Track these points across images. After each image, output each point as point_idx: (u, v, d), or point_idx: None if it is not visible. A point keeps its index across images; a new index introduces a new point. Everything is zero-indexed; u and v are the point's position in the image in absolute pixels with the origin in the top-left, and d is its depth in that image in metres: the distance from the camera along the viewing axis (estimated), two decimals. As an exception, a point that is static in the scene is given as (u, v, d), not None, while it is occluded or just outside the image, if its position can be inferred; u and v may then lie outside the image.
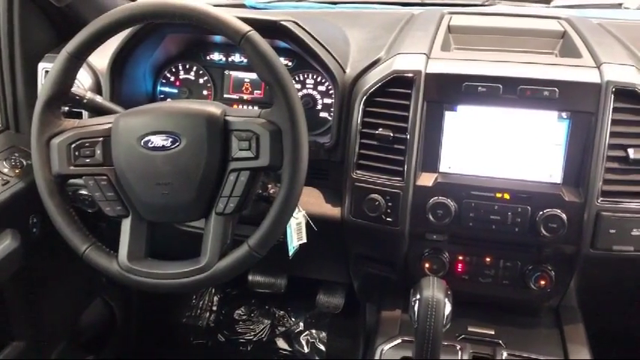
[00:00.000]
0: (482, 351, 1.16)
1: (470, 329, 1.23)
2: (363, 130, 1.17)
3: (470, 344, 1.17)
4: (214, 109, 1.02)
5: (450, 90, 1.12)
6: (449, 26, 1.35)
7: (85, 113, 1.33)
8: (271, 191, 1.12)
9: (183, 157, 1.00)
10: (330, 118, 1.34)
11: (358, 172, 1.18)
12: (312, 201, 1.27)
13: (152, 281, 1.03)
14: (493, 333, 1.22)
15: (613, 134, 1.06)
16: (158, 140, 1.01)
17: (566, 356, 1.17)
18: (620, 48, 1.21)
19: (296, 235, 1.19)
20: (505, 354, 1.14)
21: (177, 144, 1.00)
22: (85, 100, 1.16)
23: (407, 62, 1.16)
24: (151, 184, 1.02)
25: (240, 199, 1.00)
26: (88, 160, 1.04)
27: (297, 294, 1.95)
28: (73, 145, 1.04)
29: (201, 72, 1.42)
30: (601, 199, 1.07)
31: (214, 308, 2.10)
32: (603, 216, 1.07)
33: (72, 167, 1.04)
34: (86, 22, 1.04)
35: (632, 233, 1.08)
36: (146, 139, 1.01)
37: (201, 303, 2.10)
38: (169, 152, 1.00)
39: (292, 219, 1.17)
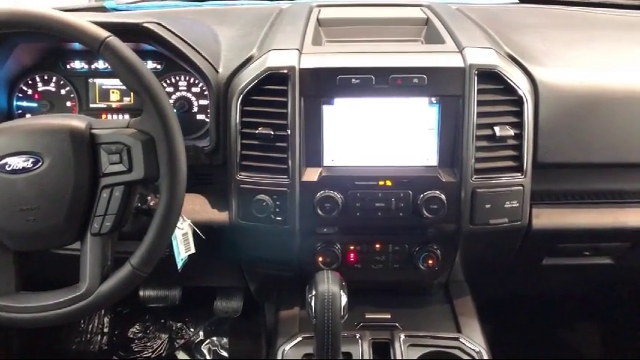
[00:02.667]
0: (381, 336, 1.18)
1: (367, 316, 1.25)
2: (243, 131, 1.14)
3: (369, 331, 1.20)
4: (78, 122, 0.94)
5: (326, 84, 1.12)
6: (318, 19, 1.35)
7: None
8: (151, 203, 1.07)
9: (47, 178, 0.92)
10: (207, 121, 1.29)
11: (242, 173, 1.15)
12: (197, 208, 1.22)
13: (27, 316, 0.94)
14: (389, 317, 1.25)
15: (480, 114, 1.11)
16: (17, 162, 0.92)
17: (458, 329, 1.23)
18: (479, 32, 1.28)
19: (183, 247, 1.14)
20: (403, 336, 1.17)
21: (39, 164, 0.92)
22: None
23: (280, 58, 1.14)
24: (14, 210, 0.92)
25: (116, 216, 0.93)
26: None
27: (194, 303, 1.90)
28: None
29: (62, 82, 1.32)
30: (475, 176, 1.12)
31: (106, 330, 1.98)
32: (478, 193, 1.13)
33: None
34: None
35: (505, 206, 1.15)
36: (3, 161, 0.92)
37: (90, 327, 1.97)
38: (31, 174, 0.92)
39: (177, 230, 1.12)
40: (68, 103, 1.32)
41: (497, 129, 1.12)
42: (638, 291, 1.75)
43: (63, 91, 1.32)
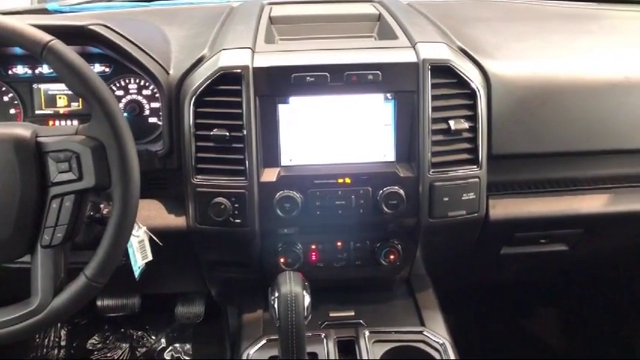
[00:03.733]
0: (345, 334, 1.18)
1: (331, 315, 1.25)
2: (198, 133, 1.11)
3: (333, 330, 1.19)
4: (22, 130, 0.90)
5: (280, 83, 1.10)
6: (270, 17, 1.34)
7: None
8: (104, 211, 1.03)
9: None
10: (160, 124, 1.26)
11: (198, 177, 1.12)
12: (153, 214, 1.19)
13: (-26, 336, 0.90)
14: (353, 314, 1.25)
15: (435, 109, 1.12)
16: (-42, 175, 0.87)
17: (422, 323, 1.24)
18: (430, 27, 1.29)
19: (140, 254, 1.11)
20: (367, 333, 1.17)
21: (-18, 176, 0.87)
22: None
23: (232, 58, 1.12)
24: None
25: (68, 226, 0.90)
26: None
27: (154, 310, 1.86)
28: None
29: (4, 89, 1.26)
30: (432, 170, 1.13)
31: (63, 343, 1.91)
32: (436, 186, 1.13)
33: None
34: None
35: (463, 198, 1.16)
36: None
37: (46, 341, 1.90)
38: (-26, 187, 0.87)
39: (132, 238, 1.09)
40: (12, 111, 1.27)
41: (452, 123, 1.12)
42: (592, 276, 1.81)
43: (6, 98, 1.27)
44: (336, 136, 1.14)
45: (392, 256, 1.21)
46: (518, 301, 1.98)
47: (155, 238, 1.15)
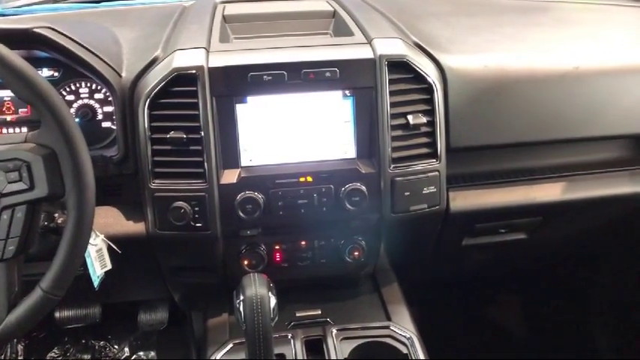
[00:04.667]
0: (313, 333, 1.17)
1: (298, 314, 1.24)
2: (153, 136, 1.09)
3: (300, 330, 1.18)
4: (-33, 140, 0.86)
5: (237, 82, 1.09)
6: (224, 16, 1.32)
7: None
8: (59, 221, 1.00)
9: None
10: (114, 128, 1.22)
11: (156, 181, 1.10)
12: (110, 221, 1.16)
13: None
14: (320, 313, 1.24)
15: (393, 104, 1.12)
16: None
17: (388, 317, 1.24)
18: (385, 22, 1.29)
19: (98, 263, 1.08)
20: (335, 331, 1.17)
21: None
22: None
23: (187, 58, 1.10)
24: None
25: (20, 238, 0.86)
26: None
27: (116, 318, 1.81)
28: None
29: (-55, 96, 1.21)
30: (392, 166, 1.13)
31: (20, 358, 1.84)
32: (397, 181, 1.14)
33: None
34: None
35: (424, 192, 1.17)
36: None
37: (2, 357, 1.83)
38: None
39: (90, 247, 1.06)
40: (-45, 119, 1.21)
41: (410, 117, 1.13)
42: (551, 263, 1.86)
43: (-52, 106, 1.21)
44: (296, 134, 1.13)
45: (356, 253, 1.21)
46: (481, 291, 2.02)
47: (114, 246, 1.12)
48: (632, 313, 1.82)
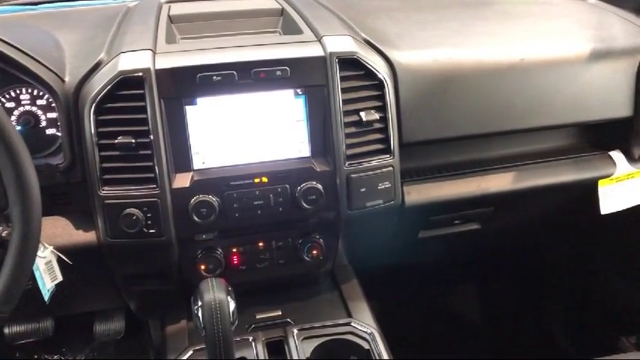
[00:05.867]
0: (274, 335, 1.17)
1: (258, 317, 1.23)
2: (101, 142, 1.05)
3: (261, 332, 1.17)
4: None
5: (185, 84, 1.06)
6: (169, 16, 1.29)
7: None
8: (4, 234, 0.95)
9: None
10: (59, 135, 1.18)
11: (105, 188, 1.06)
12: (59, 232, 1.11)
13: None
14: (280, 314, 1.23)
15: (345, 101, 1.12)
16: None
17: (349, 314, 1.24)
18: (334, 20, 1.29)
19: (48, 276, 1.04)
20: (296, 331, 1.16)
21: None
22: None
23: (132, 61, 1.07)
24: None
25: (-38, 254, 0.82)
26: None
27: (70, 331, 1.75)
28: None
29: None
30: (347, 163, 1.13)
31: (-31, 379, 1.77)
32: (352, 178, 1.14)
33: None
34: None
35: (379, 187, 1.18)
36: None
37: (-50, 378, 1.75)
38: None
39: (38, 259, 1.02)
40: None
41: (363, 114, 1.13)
42: (503, 251, 1.91)
43: None
44: (249, 135, 1.12)
45: (315, 251, 1.21)
46: (439, 281, 2.06)
47: (64, 257, 1.08)
48: (586, 297, 1.89)
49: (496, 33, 1.36)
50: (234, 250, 1.19)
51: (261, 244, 1.20)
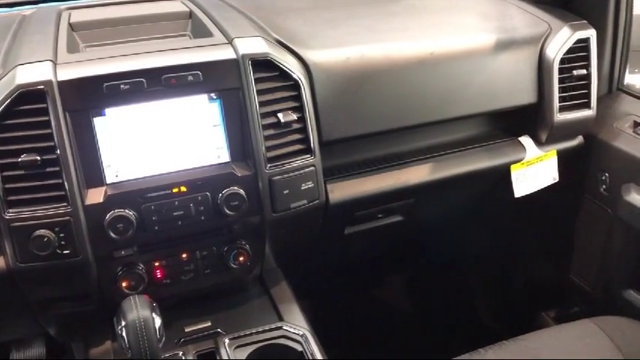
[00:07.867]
0: (204, 347, 1.13)
1: (187, 330, 1.19)
2: (2, 162, 0.98)
3: (191, 345, 1.14)
4: None
5: (91, 94, 1.01)
6: (70, 24, 1.23)
7: None
8: None
9: None
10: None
11: (11, 211, 0.99)
12: (-36, 260, 1.03)
13: None
14: (210, 324, 1.20)
15: (262, 104, 1.11)
16: None
17: (280, 318, 1.23)
18: (244, 21, 1.27)
19: (-48, 310, 0.96)
20: (227, 340, 1.14)
21: None
22: None
23: (31, 73, 1.00)
24: None
25: None
26: None
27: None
28: None
29: None
30: (269, 165, 1.12)
31: None
32: (275, 181, 1.13)
33: None
34: None
35: (302, 188, 1.17)
36: None
37: None
38: None
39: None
40: None
41: (280, 115, 1.12)
42: (428, 241, 1.96)
43: None
44: (164, 144, 1.08)
45: (241, 258, 1.19)
46: (368, 275, 2.09)
47: (-30, 287, 1.01)
48: (509, 278, 1.98)
49: (406, 28, 1.39)
50: (157, 264, 1.15)
51: (184, 255, 1.17)
